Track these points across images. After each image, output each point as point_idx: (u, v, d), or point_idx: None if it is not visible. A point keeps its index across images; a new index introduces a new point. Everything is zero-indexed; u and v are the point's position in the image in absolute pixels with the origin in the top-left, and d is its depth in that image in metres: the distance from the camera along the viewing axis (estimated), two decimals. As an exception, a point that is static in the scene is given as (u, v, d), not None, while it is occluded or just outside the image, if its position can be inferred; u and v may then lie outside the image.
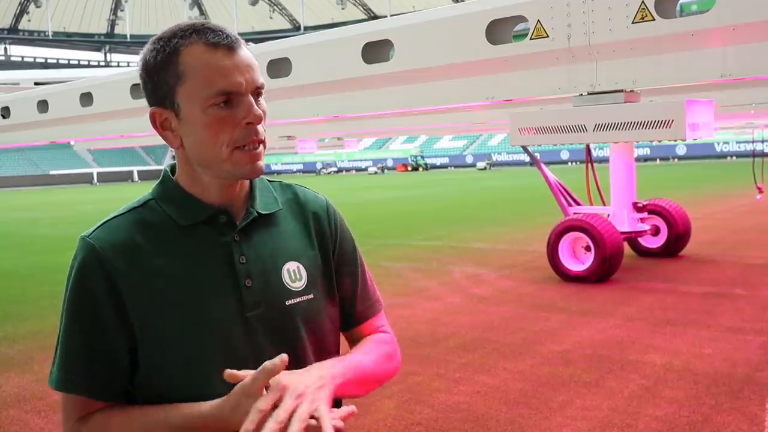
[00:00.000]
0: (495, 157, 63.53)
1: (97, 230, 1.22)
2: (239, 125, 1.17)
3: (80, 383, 1.19)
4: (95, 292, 1.18)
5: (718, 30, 5.42)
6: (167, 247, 1.22)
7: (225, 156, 1.18)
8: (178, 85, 1.17)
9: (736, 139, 48.46)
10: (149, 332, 1.19)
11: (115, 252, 1.19)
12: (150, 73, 1.20)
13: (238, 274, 1.23)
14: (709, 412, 4.25)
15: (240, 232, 1.26)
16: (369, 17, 70.27)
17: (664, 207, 10.12)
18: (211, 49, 1.16)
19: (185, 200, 1.25)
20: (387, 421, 4.32)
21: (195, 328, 1.19)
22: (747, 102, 10.67)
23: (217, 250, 1.24)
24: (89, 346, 1.19)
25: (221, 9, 78.02)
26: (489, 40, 6.50)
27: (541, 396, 4.63)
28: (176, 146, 1.23)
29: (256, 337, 1.22)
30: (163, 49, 1.18)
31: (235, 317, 1.22)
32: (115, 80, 10.61)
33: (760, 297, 7.21)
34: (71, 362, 1.20)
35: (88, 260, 1.19)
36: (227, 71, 1.16)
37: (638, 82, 6.02)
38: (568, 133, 6.68)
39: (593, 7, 5.92)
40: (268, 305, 1.25)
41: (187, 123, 1.19)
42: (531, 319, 6.75)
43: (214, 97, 1.15)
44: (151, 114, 1.22)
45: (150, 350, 1.20)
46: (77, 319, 1.20)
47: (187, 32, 1.18)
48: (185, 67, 1.16)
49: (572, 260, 8.68)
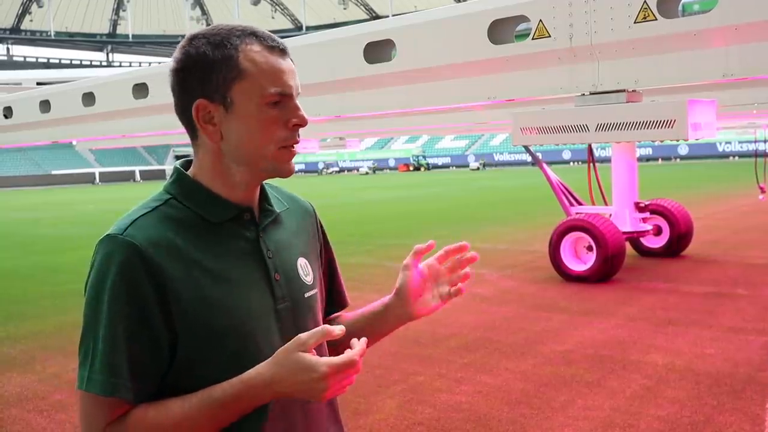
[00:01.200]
0: (497, 157, 63.49)
1: (129, 228, 1.19)
2: (286, 126, 1.24)
3: (126, 386, 1.15)
4: (141, 290, 1.15)
5: (720, 30, 5.41)
6: (202, 243, 1.23)
7: (270, 153, 1.23)
8: (235, 81, 1.20)
9: (738, 138, 48.38)
10: (192, 327, 1.19)
11: (156, 248, 1.18)
12: (203, 66, 1.20)
13: (269, 269, 1.28)
14: (711, 412, 4.24)
15: (263, 229, 1.31)
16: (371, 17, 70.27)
17: (666, 207, 10.11)
18: (269, 51, 1.23)
19: (209, 198, 1.26)
20: (389, 420, 4.32)
21: (239, 322, 1.22)
22: (749, 102, 10.64)
23: (248, 246, 1.28)
24: (135, 346, 1.16)
25: (223, 9, 78.06)
26: (491, 40, 6.49)
27: (542, 396, 4.63)
28: (216, 141, 1.23)
29: (286, 328, 1.28)
30: (222, 44, 1.21)
31: (270, 310, 1.27)
32: (118, 80, 10.60)
33: (761, 297, 7.20)
34: (117, 364, 1.15)
35: (129, 258, 1.16)
36: (283, 74, 1.23)
37: (640, 81, 6.01)
38: (570, 133, 6.67)
39: (595, 6, 5.91)
40: (293, 298, 1.31)
41: (238, 118, 1.21)
42: (532, 319, 6.75)
43: (272, 96, 1.21)
44: (196, 105, 1.22)
45: (192, 346, 1.19)
46: (122, 319, 1.15)
47: (246, 32, 1.23)
48: (247, 65, 1.20)
49: (574, 260, 8.68)
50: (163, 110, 9.21)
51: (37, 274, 11.20)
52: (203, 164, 1.27)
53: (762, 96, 10.11)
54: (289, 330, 1.27)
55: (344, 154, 68.50)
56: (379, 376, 5.10)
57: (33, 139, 12.94)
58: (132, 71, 11.30)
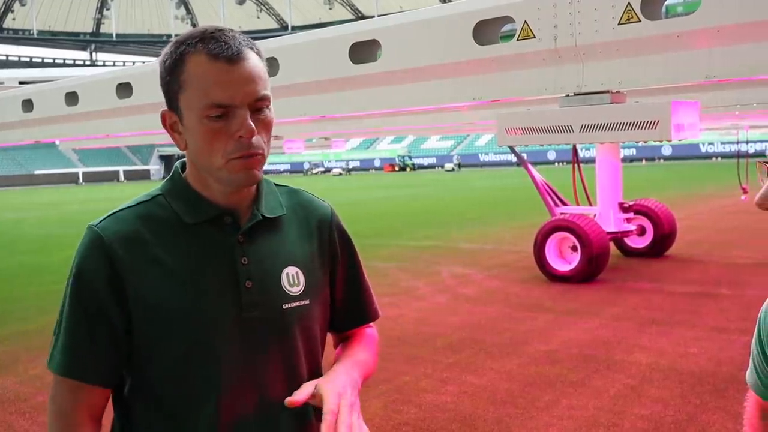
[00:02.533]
0: (482, 157, 63.65)
1: (104, 220, 1.25)
2: (232, 138, 1.18)
3: (83, 368, 1.22)
4: (98, 278, 1.20)
5: (702, 31, 5.45)
6: (170, 242, 1.24)
7: (220, 165, 1.20)
8: (180, 93, 1.20)
9: (721, 139, 48.82)
10: (145, 322, 1.21)
11: (120, 241, 1.21)
12: (162, 75, 1.23)
13: (239, 275, 1.25)
14: (695, 411, 4.28)
15: (244, 234, 1.27)
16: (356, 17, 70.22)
17: (650, 207, 10.18)
18: (210, 60, 1.16)
19: (193, 198, 1.27)
20: (374, 421, 4.32)
21: (191, 323, 1.21)
22: (732, 103, 10.75)
23: (220, 250, 1.26)
24: (92, 330, 1.21)
25: (208, 8, 77.70)
26: (476, 41, 6.51)
27: (527, 396, 4.65)
28: (182, 149, 1.26)
29: (252, 337, 1.24)
30: (172, 54, 1.21)
31: (232, 317, 1.24)
32: (101, 80, 10.54)
33: (744, 296, 7.27)
34: (74, 346, 1.22)
35: (92, 247, 1.22)
36: (222, 84, 1.16)
37: (624, 83, 6.05)
38: (555, 134, 6.70)
39: (579, 8, 5.95)
40: (266, 308, 1.27)
41: (187, 129, 1.22)
42: (518, 319, 6.77)
43: (208, 109, 1.17)
44: (161, 115, 1.25)
45: (145, 338, 1.22)
46: (80, 303, 1.22)
47: (195, 40, 1.19)
48: (186, 76, 1.18)
49: (559, 260, 8.72)
50: (147, 110, 9.17)
51: (22, 274, 11.10)
52: (189, 165, 1.30)
53: (744, 97, 10.21)
54: (258, 340, 1.25)
55: (330, 154, 68.41)
56: (364, 377, 5.09)
57: (15, 138, 12.83)
58: (116, 71, 11.23)
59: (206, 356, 1.21)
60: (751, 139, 15.74)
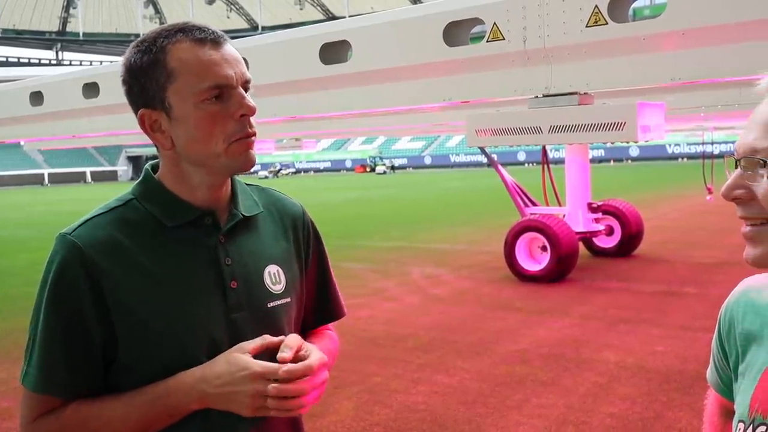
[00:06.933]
0: (453, 158, 63.88)
1: (78, 228, 1.19)
2: (233, 118, 1.18)
3: (60, 384, 1.16)
4: (76, 290, 1.15)
5: (668, 34, 5.54)
6: (151, 247, 1.21)
7: (221, 150, 1.18)
8: (168, 84, 1.17)
9: (686, 141, 49.60)
10: (131, 331, 1.17)
11: (97, 249, 1.17)
12: (136, 75, 1.19)
13: (224, 276, 1.24)
14: (661, 408, 4.34)
15: (225, 234, 1.26)
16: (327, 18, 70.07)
17: (618, 207, 10.31)
18: (198, 44, 1.17)
19: (170, 201, 1.24)
20: (345, 422, 4.31)
21: (179, 328, 1.19)
22: (696, 105, 10.92)
23: (203, 252, 1.24)
24: (70, 345, 1.16)
25: (177, 7, 76.93)
26: (446, 42, 6.53)
27: (498, 395, 4.67)
28: (167, 148, 1.22)
29: (239, 338, 1.22)
30: (149, 49, 1.18)
31: (220, 318, 1.23)
32: (67, 79, 10.37)
33: (709, 295, 7.40)
34: (51, 362, 1.16)
35: (68, 257, 1.16)
36: (217, 65, 1.16)
37: (592, 84, 6.12)
38: (524, 135, 6.75)
39: (548, 10, 6.00)
40: (252, 307, 1.26)
41: (180, 121, 1.18)
42: (489, 319, 6.81)
43: (207, 92, 1.16)
44: (140, 116, 1.21)
45: (130, 348, 1.18)
46: (57, 317, 1.16)
47: (173, 31, 1.18)
48: (175, 65, 1.16)
49: (529, 260, 8.79)
50: (115, 110, 9.04)
51: (-16, 278, 10.87)
52: (164, 168, 1.26)
53: (709, 100, 10.37)
54: (244, 340, 1.23)
55: (301, 155, 68.13)
56: (335, 377, 5.08)
57: (-21, 139, 12.56)
58: (82, 70, 11.07)
59: (195, 360, 1.18)
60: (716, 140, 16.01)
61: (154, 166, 1.30)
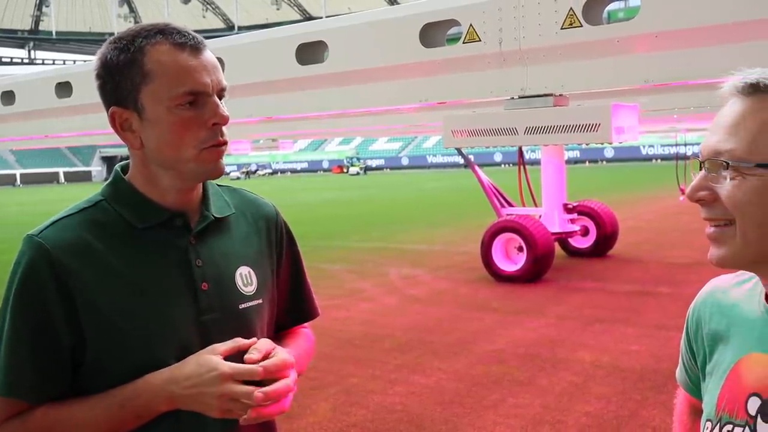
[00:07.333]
0: (430, 159, 64.04)
1: (46, 229, 1.18)
2: (205, 126, 1.17)
3: (27, 387, 1.14)
4: (43, 292, 1.13)
5: (641, 37, 5.60)
6: (121, 248, 1.19)
7: (191, 156, 1.17)
8: (143, 85, 1.16)
9: (660, 142, 50.21)
10: (100, 333, 1.15)
11: (65, 251, 1.15)
12: (111, 72, 1.18)
13: (195, 278, 1.23)
14: (636, 407, 4.38)
15: (196, 236, 1.25)
16: (304, 18, 69.90)
17: (593, 208, 10.40)
18: (177, 49, 1.16)
19: (140, 202, 1.23)
20: (323, 423, 4.30)
21: (149, 330, 1.17)
22: (670, 107, 11.06)
23: (174, 253, 1.23)
24: (37, 347, 1.14)
25: (152, 7, 76.24)
26: (423, 43, 6.55)
27: (475, 395, 4.69)
28: (136, 147, 1.20)
29: (210, 340, 1.21)
30: (126, 48, 1.16)
31: (190, 320, 1.21)
32: (40, 78, 10.25)
33: (683, 294, 7.48)
34: (18, 364, 1.14)
35: (35, 259, 1.14)
36: (195, 71, 1.16)
37: (567, 86, 6.17)
38: (500, 136, 6.79)
39: (524, 13, 6.04)
40: (223, 309, 1.25)
41: (152, 123, 1.17)
42: (466, 320, 6.84)
43: (182, 97, 1.15)
44: (110, 114, 1.20)
45: (100, 350, 1.16)
46: (24, 319, 1.14)
47: (152, 32, 1.17)
48: (151, 67, 1.15)
49: (505, 261, 8.83)
50: (88, 110, 8.95)
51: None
52: (134, 169, 1.25)
53: (681, 101, 10.51)
54: (216, 342, 1.22)
55: (278, 155, 67.88)
56: (312, 378, 5.07)
57: (-52, 139, 12.35)
58: (55, 69, 10.94)
59: (164, 363, 1.17)
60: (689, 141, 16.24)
61: (124, 167, 1.28)
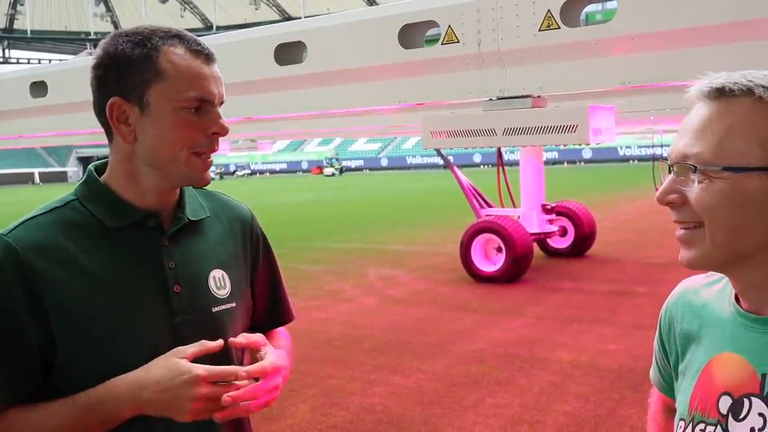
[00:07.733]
0: (409, 160, 64.10)
1: (15, 229, 1.17)
2: (205, 133, 1.20)
3: None
4: (11, 292, 1.12)
5: (618, 39, 5.65)
6: (92, 249, 1.18)
7: (182, 158, 1.19)
8: (154, 82, 1.17)
9: (637, 143, 50.66)
10: (70, 334, 1.14)
11: (36, 251, 1.14)
12: (120, 63, 1.18)
13: (168, 280, 1.22)
14: (614, 405, 4.42)
15: (169, 238, 1.25)
16: (283, 18, 69.66)
17: (571, 209, 10.48)
18: (193, 55, 1.19)
19: (114, 202, 1.22)
20: (302, 425, 4.29)
21: (119, 332, 1.17)
22: (647, 108, 11.15)
23: (146, 255, 1.22)
24: (4, 347, 1.12)
25: (129, 6, 75.57)
26: (402, 44, 6.55)
27: (454, 395, 4.70)
28: (129, 142, 1.20)
29: (181, 343, 1.20)
30: (143, 43, 1.17)
31: (162, 323, 1.21)
32: (14, 77, 10.10)
33: (659, 294, 7.54)
34: None
35: (3, 259, 1.13)
36: (206, 79, 1.20)
37: (545, 87, 6.20)
38: (479, 137, 6.81)
39: (502, 14, 6.06)
40: (196, 312, 1.25)
41: (153, 120, 1.18)
42: (445, 320, 6.85)
43: (191, 101, 1.18)
44: (110, 104, 1.19)
45: (70, 352, 1.15)
46: None
47: (169, 34, 1.20)
48: (166, 66, 1.17)
49: (484, 261, 8.86)
50: (64, 110, 8.85)
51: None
52: (114, 166, 1.24)
53: (658, 103, 10.61)
54: (188, 344, 1.20)
55: (256, 156, 67.56)
56: (291, 380, 5.02)
57: None
58: (30, 68, 10.81)
59: (134, 365, 1.15)
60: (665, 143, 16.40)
61: (98, 167, 1.28)
